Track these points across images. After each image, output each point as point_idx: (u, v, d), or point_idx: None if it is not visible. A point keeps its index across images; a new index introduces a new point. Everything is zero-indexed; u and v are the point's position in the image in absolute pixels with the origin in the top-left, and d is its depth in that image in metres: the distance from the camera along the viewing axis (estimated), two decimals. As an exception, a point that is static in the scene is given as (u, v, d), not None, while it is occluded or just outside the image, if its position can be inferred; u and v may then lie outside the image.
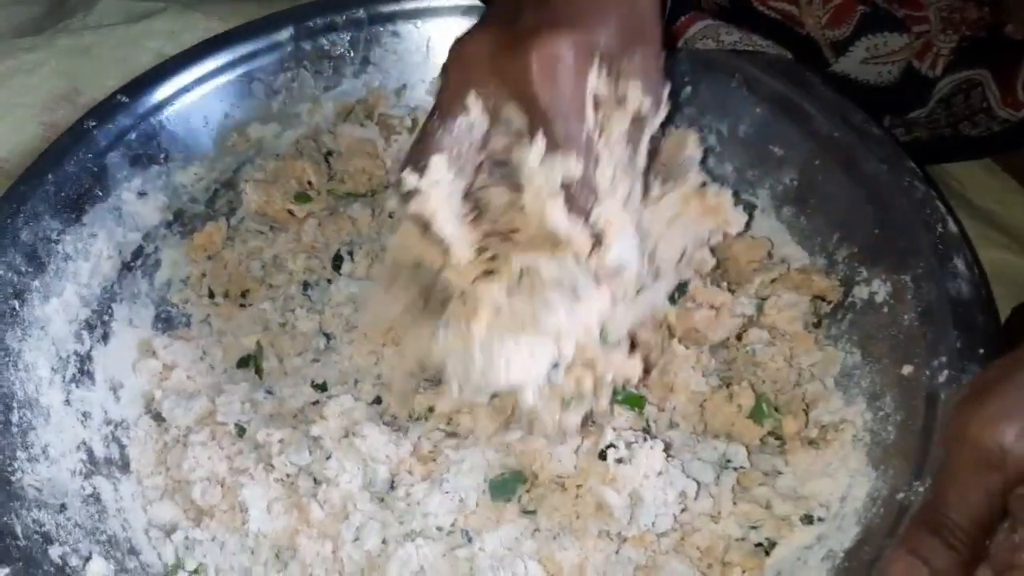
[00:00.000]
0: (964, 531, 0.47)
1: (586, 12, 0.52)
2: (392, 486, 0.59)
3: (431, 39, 0.81)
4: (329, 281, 0.71)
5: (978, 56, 0.73)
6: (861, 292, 0.64)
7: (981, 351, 0.56)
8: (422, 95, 0.83)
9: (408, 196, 0.53)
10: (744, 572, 0.57)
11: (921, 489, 0.52)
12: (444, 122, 0.54)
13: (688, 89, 0.75)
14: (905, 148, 0.76)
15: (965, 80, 0.73)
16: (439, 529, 0.57)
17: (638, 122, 0.55)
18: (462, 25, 0.80)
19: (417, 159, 0.54)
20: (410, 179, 0.53)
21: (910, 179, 0.65)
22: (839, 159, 0.68)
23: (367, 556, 0.57)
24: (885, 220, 0.64)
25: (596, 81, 0.52)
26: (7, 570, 0.50)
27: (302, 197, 0.75)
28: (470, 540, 0.57)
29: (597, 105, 0.53)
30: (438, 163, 0.53)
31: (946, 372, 0.56)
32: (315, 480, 0.60)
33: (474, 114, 0.53)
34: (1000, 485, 0.47)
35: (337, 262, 0.72)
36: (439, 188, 0.53)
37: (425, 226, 0.54)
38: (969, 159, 0.79)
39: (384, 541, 0.57)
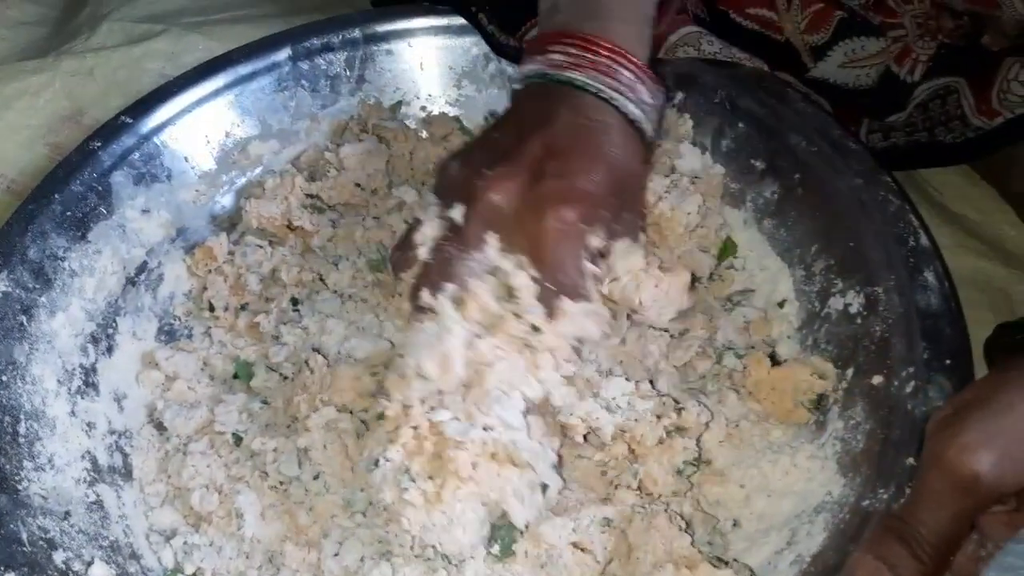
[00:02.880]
0: (932, 545, 0.49)
1: (593, 170, 0.60)
2: (371, 503, 0.61)
3: (424, 57, 0.84)
4: (318, 293, 0.73)
5: (956, 64, 0.74)
6: (836, 303, 0.66)
7: (948, 362, 0.58)
8: (416, 111, 0.86)
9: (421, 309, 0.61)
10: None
11: (885, 496, 0.54)
12: (465, 253, 0.61)
13: (676, 102, 0.78)
14: (883, 153, 0.78)
15: (943, 87, 0.75)
16: (419, 553, 0.58)
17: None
18: (453, 44, 0.84)
19: (435, 280, 0.61)
20: (427, 298, 0.60)
21: (885, 193, 0.66)
22: (817, 173, 0.70)
23: (345, 571, 0.59)
24: (860, 233, 0.66)
25: (595, 242, 0.60)
26: (13, 575, 0.53)
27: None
28: (451, 564, 0.58)
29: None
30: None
31: (913, 383, 0.57)
32: (306, 489, 0.62)
33: (490, 253, 0.61)
34: (971, 508, 0.49)
35: (323, 275, 0.74)
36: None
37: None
38: (944, 165, 0.80)
39: (362, 559, 0.59)
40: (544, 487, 0.58)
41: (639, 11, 0.67)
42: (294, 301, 0.73)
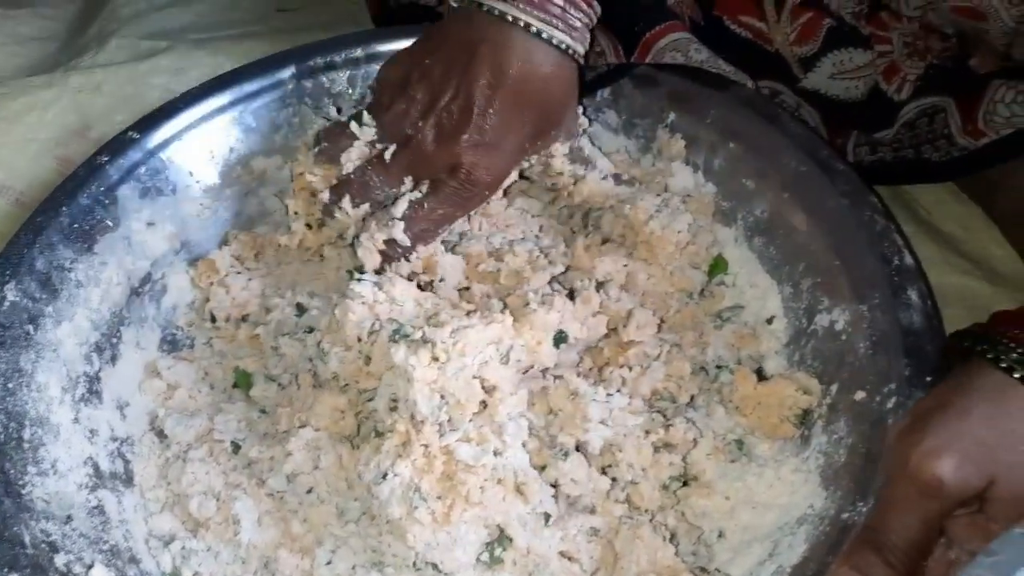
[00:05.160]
0: (903, 551, 0.50)
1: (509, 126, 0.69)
2: (364, 513, 0.63)
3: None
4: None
5: (943, 84, 0.75)
6: (823, 320, 0.68)
7: (928, 379, 0.59)
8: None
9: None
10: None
11: (864, 509, 0.55)
12: (383, 184, 0.72)
13: (669, 122, 0.80)
14: (870, 168, 0.80)
15: (930, 106, 0.76)
16: (413, 565, 0.59)
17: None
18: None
19: (354, 194, 0.72)
20: (346, 205, 0.72)
21: (871, 213, 0.68)
22: (805, 192, 0.71)
23: None
24: (846, 252, 0.67)
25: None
26: (15, 576, 0.55)
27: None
28: (441, 573, 0.59)
29: None
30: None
31: (894, 399, 0.59)
32: (299, 500, 0.64)
33: (403, 190, 0.71)
34: (938, 512, 0.51)
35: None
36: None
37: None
38: (930, 182, 0.81)
39: (353, 567, 0.60)
40: (547, 516, 0.59)
41: None
42: (299, 308, 0.74)
